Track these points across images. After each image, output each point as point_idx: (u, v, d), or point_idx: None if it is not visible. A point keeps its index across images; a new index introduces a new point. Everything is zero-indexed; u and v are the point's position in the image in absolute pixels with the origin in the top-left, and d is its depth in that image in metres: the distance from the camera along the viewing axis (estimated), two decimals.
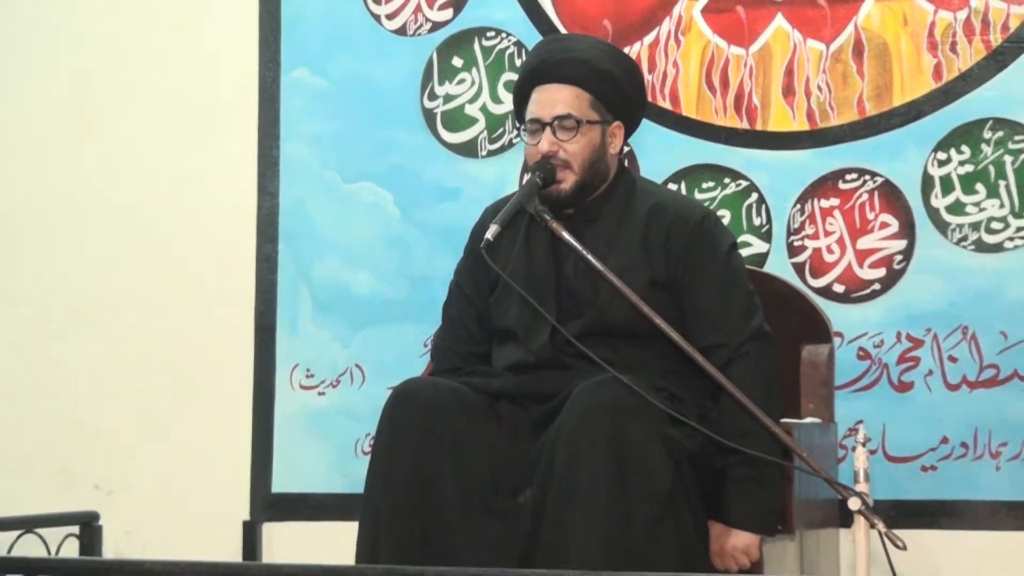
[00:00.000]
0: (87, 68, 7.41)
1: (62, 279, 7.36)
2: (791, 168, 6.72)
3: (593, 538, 5.01)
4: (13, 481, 6.83)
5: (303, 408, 7.19)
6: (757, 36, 6.75)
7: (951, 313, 6.49)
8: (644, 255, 5.49)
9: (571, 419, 5.15)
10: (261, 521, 7.12)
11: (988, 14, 6.51)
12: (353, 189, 7.20)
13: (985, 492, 6.38)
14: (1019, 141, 6.45)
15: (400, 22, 7.12)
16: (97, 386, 7.24)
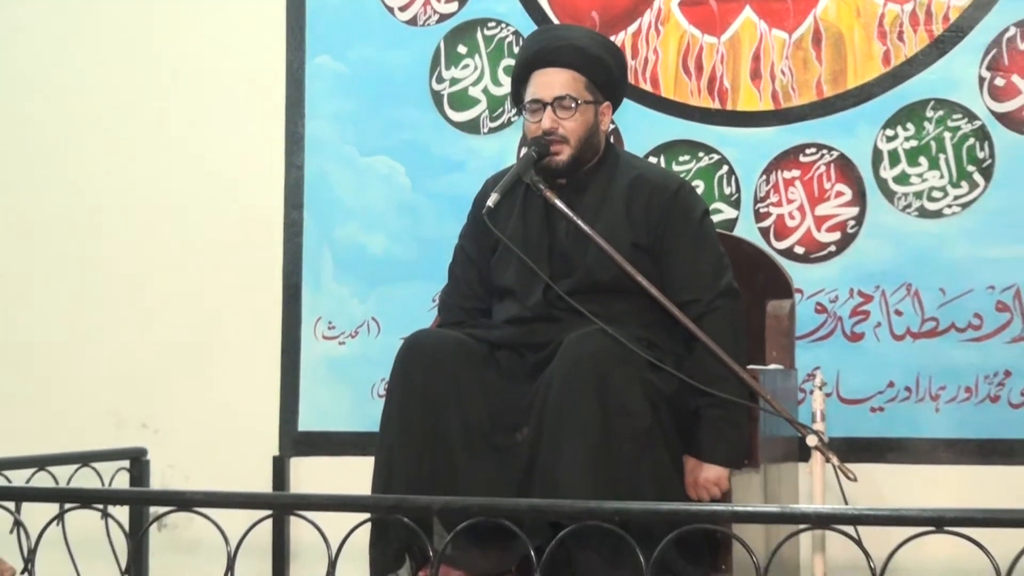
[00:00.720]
0: (136, 54, 7.42)
1: (116, 243, 7.40)
2: (757, 143, 6.75)
3: (581, 470, 5.06)
4: (71, 422, 6.83)
5: (325, 356, 7.23)
6: (728, 26, 6.76)
7: (897, 272, 6.52)
8: (627, 221, 5.53)
9: (562, 366, 5.20)
10: (289, 456, 7.16)
11: (931, 6, 6.53)
12: (369, 162, 7.23)
13: (926, 431, 6.41)
14: (957, 119, 6.46)
15: (411, 14, 7.14)
16: (145, 337, 7.26)
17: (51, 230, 7.47)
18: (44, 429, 6.67)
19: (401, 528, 5.12)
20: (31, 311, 7.43)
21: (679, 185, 5.81)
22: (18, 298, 7.45)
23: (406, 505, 5.04)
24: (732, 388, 5.33)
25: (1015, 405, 6.36)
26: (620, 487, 5.01)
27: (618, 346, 5.20)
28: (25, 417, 6.98)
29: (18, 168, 7.51)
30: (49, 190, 7.49)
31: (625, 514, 4.61)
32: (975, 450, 6.36)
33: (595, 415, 5.14)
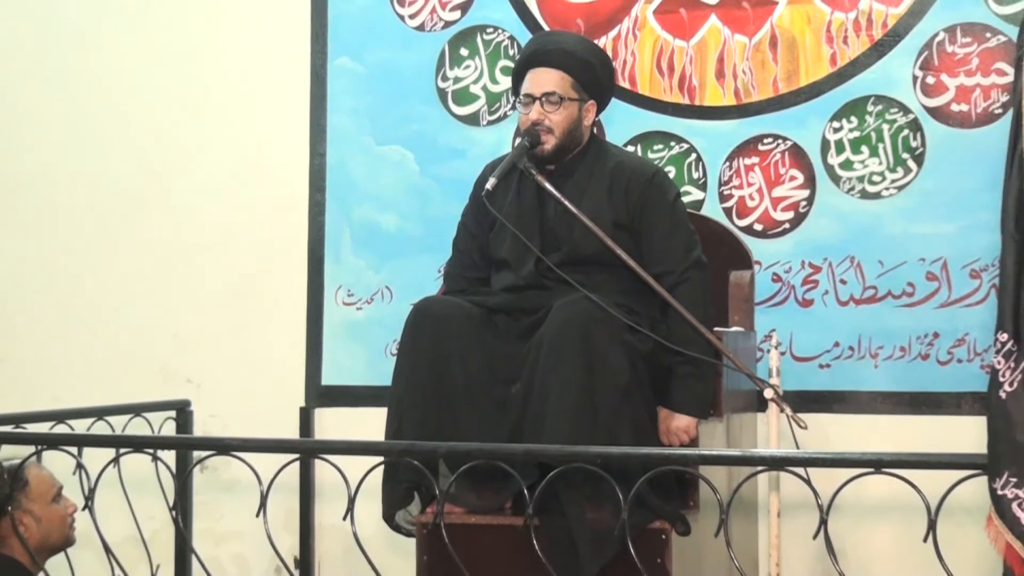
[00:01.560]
0: (182, 57, 7.42)
1: (165, 222, 7.41)
2: (721, 134, 6.74)
3: (568, 419, 5.10)
4: (125, 377, 6.83)
5: (345, 320, 7.23)
6: (696, 32, 6.75)
7: (842, 246, 6.53)
8: (609, 202, 5.54)
9: (551, 329, 5.23)
10: (313, 407, 7.16)
11: (871, 14, 6.54)
12: (383, 150, 7.22)
13: (866, 385, 6.41)
14: (894, 113, 6.46)
15: (419, 21, 7.12)
16: (189, 303, 7.27)
17: (113, 210, 7.46)
18: (102, 384, 6.69)
19: (410, 470, 5.17)
20: (94, 280, 7.42)
21: (654, 171, 5.83)
22: (83, 269, 7.44)
23: (415, 450, 5.08)
24: (700, 348, 5.36)
25: (942, 362, 6.38)
26: (602, 434, 5.05)
27: (600, 311, 5.23)
28: (85, 373, 6.99)
29: (86, 155, 7.49)
30: (112, 175, 7.48)
31: (606, 457, 4.65)
32: (908, 401, 6.38)
33: (580, 371, 5.18)
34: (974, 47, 6.45)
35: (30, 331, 7.40)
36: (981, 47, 6.44)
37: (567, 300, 5.31)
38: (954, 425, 5.85)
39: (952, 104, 6.48)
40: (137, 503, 5.60)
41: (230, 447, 5.12)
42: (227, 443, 5.19)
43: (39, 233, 7.52)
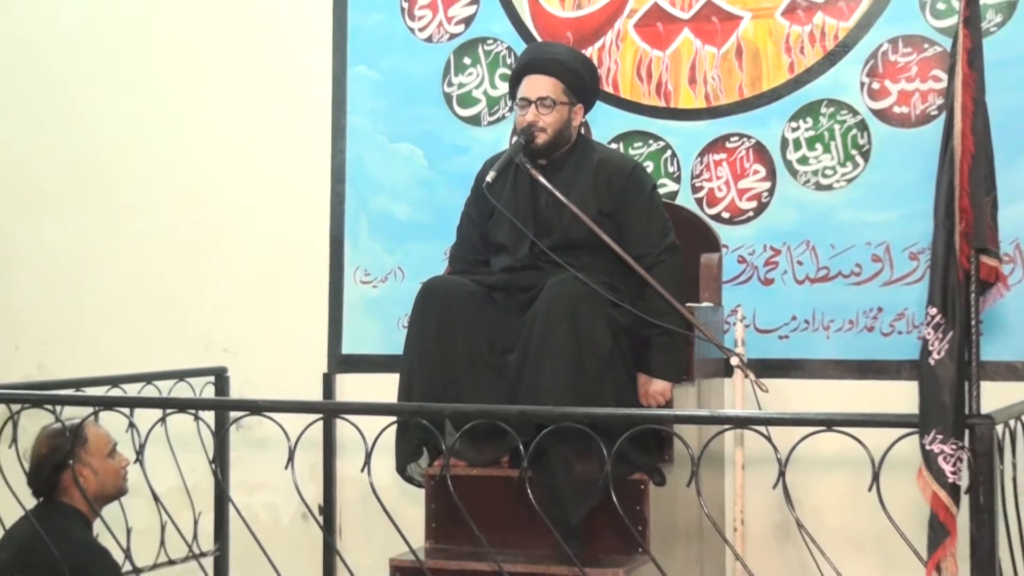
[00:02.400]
0: (217, 66, 7.44)
1: (204, 212, 7.42)
2: (693, 133, 6.72)
3: (559, 384, 5.14)
4: (169, 347, 6.82)
5: (362, 296, 7.21)
6: (671, 43, 6.72)
7: (799, 232, 6.50)
8: (594, 193, 5.57)
9: (544, 304, 5.27)
10: (335, 373, 7.16)
11: (824, 28, 6.53)
12: (396, 147, 7.19)
13: (820, 353, 6.39)
14: (844, 115, 6.44)
15: (428, 33, 7.10)
16: (226, 282, 7.26)
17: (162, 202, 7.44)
18: (150, 352, 6.70)
19: (420, 428, 5.25)
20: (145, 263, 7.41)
21: (634, 166, 5.88)
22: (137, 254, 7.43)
23: (424, 411, 5.10)
24: (674, 321, 5.39)
25: (885, 334, 6.38)
26: (588, 396, 5.08)
27: (587, 289, 5.27)
28: (136, 343, 7.00)
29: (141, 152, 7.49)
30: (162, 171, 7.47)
31: (592, 417, 4.66)
32: (856, 368, 6.37)
33: (569, 341, 5.22)
34: (913, 56, 6.45)
35: (90, 307, 7.40)
36: (920, 56, 6.43)
37: (558, 279, 5.35)
38: (895, 389, 5.86)
39: (894, 107, 6.47)
40: (181, 457, 5.63)
41: (262, 408, 5.15)
42: (259, 405, 5.22)
43: (100, 223, 7.50)
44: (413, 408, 5.28)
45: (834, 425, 4.40)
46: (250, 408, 5.32)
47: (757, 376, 5.35)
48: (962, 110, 4.30)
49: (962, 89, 4.31)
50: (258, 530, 5.19)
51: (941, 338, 4.27)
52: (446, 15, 7.16)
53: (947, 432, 4.21)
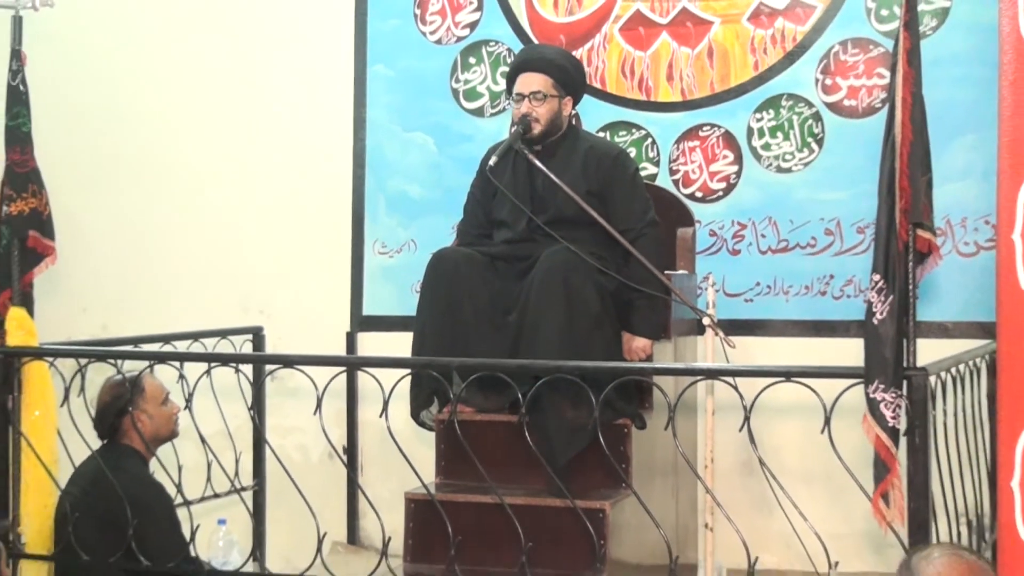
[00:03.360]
0: (254, 67, 7.42)
1: (246, 192, 7.44)
2: (671, 123, 6.74)
3: (553, 340, 5.17)
4: (214, 309, 6.75)
5: (380, 265, 7.20)
6: (651, 45, 6.72)
7: (762, 209, 6.54)
8: (583, 175, 5.59)
9: (540, 272, 5.30)
10: (356, 332, 7.18)
11: (784, 31, 6.51)
12: (410, 136, 7.18)
13: (780, 314, 6.44)
14: (801, 107, 6.44)
15: (438, 36, 7.08)
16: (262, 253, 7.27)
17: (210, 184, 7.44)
18: (197, 314, 6.67)
19: (431, 379, 5.31)
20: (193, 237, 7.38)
21: (619, 152, 5.92)
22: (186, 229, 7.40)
23: (434, 364, 5.16)
24: (654, 286, 5.41)
25: (836, 297, 6.40)
26: (578, 351, 5.08)
27: (577, 258, 5.31)
28: (185, 306, 6.97)
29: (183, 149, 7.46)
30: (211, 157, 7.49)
31: (582, 370, 4.70)
32: (811, 327, 6.40)
33: (562, 304, 5.25)
34: (861, 56, 6.47)
35: (146, 275, 7.37)
36: (866, 56, 6.45)
37: (552, 250, 5.38)
38: (844, 345, 5.88)
39: (845, 100, 6.48)
40: (224, 405, 5.65)
41: (293, 362, 5.20)
42: (291, 359, 5.27)
43: (155, 203, 7.45)
44: (425, 362, 5.33)
45: (792, 376, 4.46)
46: (283, 362, 5.38)
47: (726, 334, 5.36)
48: (902, 103, 4.33)
49: (902, 84, 4.34)
50: (290, 468, 5.24)
51: (883, 301, 4.31)
52: (454, 20, 7.14)
53: (888, 382, 4.26)
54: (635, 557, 5.16)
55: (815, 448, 4.55)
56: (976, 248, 6.27)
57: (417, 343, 5.60)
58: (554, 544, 4.89)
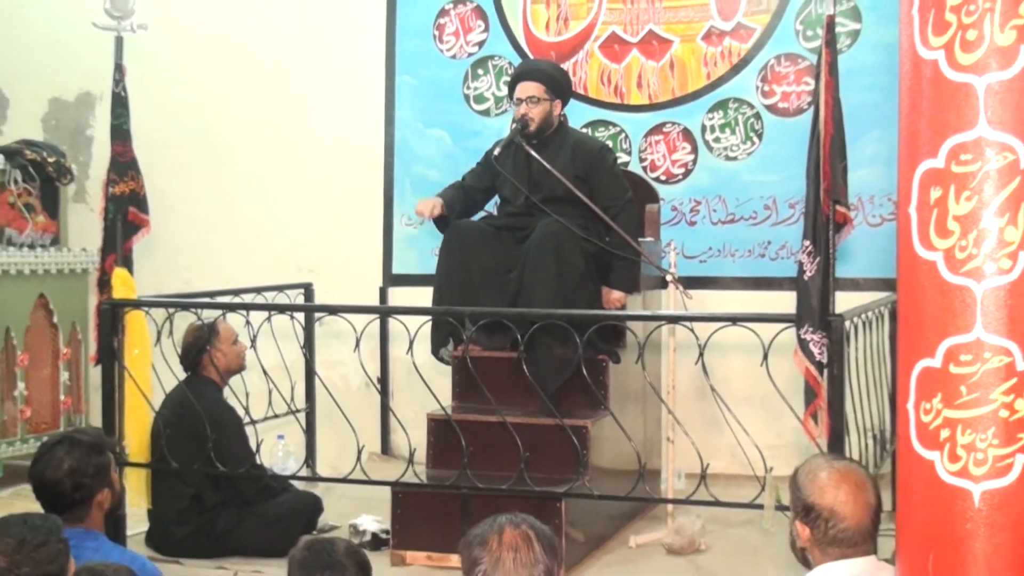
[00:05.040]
0: (317, 76, 7.42)
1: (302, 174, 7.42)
2: (640, 121, 6.76)
3: (545, 294, 5.21)
4: (273, 268, 6.64)
5: (406, 235, 7.19)
6: (624, 59, 6.72)
7: (714, 189, 6.58)
8: (572, 163, 5.60)
9: (535, 240, 5.36)
10: (388, 287, 7.19)
11: (731, 48, 6.48)
12: (430, 131, 7.17)
13: (727, 272, 6.51)
14: (745, 109, 6.46)
15: (452, 53, 7.07)
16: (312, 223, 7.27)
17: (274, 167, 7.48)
18: (260, 271, 6.56)
19: (447, 324, 5.35)
20: (257, 209, 7.44)
21: (601, 145, 6.00)
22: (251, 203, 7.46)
23: (450, 312, 5.22)
24: (629, 251, 5.49)
25: (772, 259, 6.40)
26: (566, 302, 5.13)
27: (566, 229, 5.37)
28: (250, 265, 6.85)
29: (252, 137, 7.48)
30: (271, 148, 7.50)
31: (569, 317, 4.76)
32: (752, 283, 6.45)
33: (553, 265, 5.31)
34: (791, 67, 6.47)
35: (220, 240, 7.31)
36: (796, 67, 6.46)
37: (545, 222, 5.43)
38: (779, 297, 5.83)
39: (779, 103, 6.49)
40: (281, 344, 5.66)
41: (337, 309, 5.27)
42: (335, 308, 5.33)
43: (228, 181, 7.38)
44: (443, 310, 5.39)
45: (737, 321, 4.52)
46: (328, 311, 5.45)
47: (684, 288, 5.39)
48: (824, 105, 4.37)
49: (824, 90, 4.38)
50: (335, 394, 5.28)
51: (812, 261, 4.36)
52: (465, 40, 7.12)
53: (815, 326, 4.32)
54: (611, 464, 5.22)
55: (755, 378, 4.59)
56: (881, 220, 6.32)
57: (436, 295, 5.64)
58: (546, 454, 4.94)
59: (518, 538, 2.56)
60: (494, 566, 2.52)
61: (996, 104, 2.29)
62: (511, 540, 2.55)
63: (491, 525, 2.60)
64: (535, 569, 2.53)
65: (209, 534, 5.14)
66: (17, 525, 2.64)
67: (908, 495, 2.43)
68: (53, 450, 3.55)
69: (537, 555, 2.54)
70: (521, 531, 2.57)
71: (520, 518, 2.63)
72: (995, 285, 2.30)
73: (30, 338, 6.95)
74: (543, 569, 2.54)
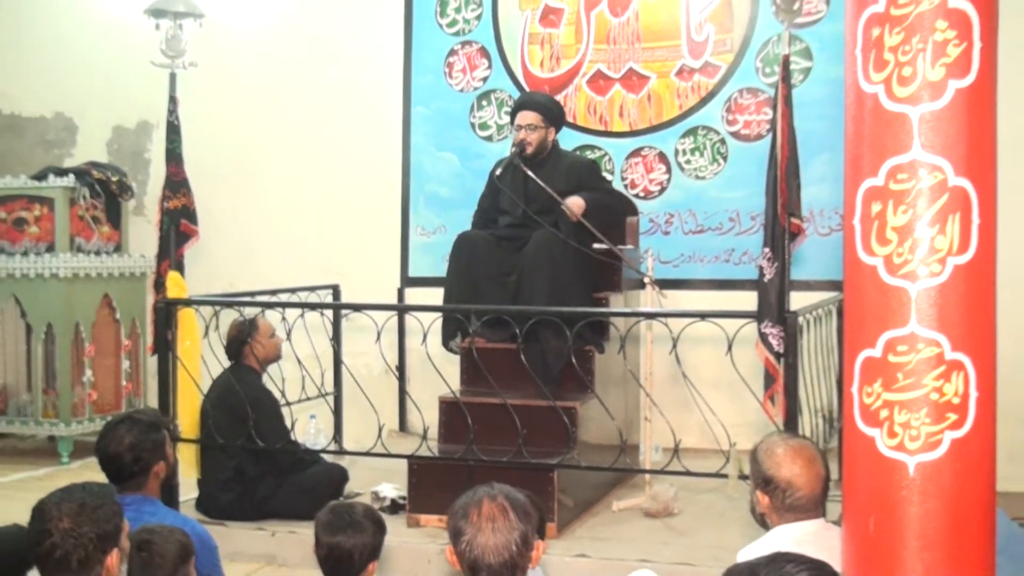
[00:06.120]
0: (338, 105, 7.40)
1: (332, 191, 7.41)
2: (622, 146, 6.75)
3: (541, 294, 5.22)
4: (305, 270, 6.66)
5: (421, 243, 7.18)
6: (608, 92, 6.72)
7: (686, 203, 6.59)
8: (565, 181, 5.57)
9: (531, 247, 5.36)
10: (404, 287, 7.18)
11: (700, 83, 6.50)
12: (441, 154, 7.16)
13: (697, 275, 6.52)
14: (712, 135, 6.46)
15: (460, 87, 7.07)
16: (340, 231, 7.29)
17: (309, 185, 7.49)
18: (295, 273, 6.56)
19: (456, 320, 5.35)
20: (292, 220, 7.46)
21: (590, 161, 6.06)
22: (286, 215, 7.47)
23: (459, 309, 5.23)
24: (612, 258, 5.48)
25: (736, 264, 6.43)
26: (559, 301, 5.12)
27: (558, 238, 5.35)
28: (286, 268, 6.85)
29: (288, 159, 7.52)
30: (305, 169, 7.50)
31: (561, 313, 4.76)
32: (719, 284, 6.47)
33: (547, 269, 5.30)
34: (752, 100, 6.48)
35: (260, 245, 7.34)
36: (756, 100, 6.47)
37: (540, 232, 5.43)
38: (743, 297, 5.82)
39: (742, 130, 6.51)
40: (313, 337, 5.64)
41: (362, 307, 5.26)
42: (359, 306, 5.32)
43: (266, 195, 7.44)
44: (452, 308, 5.40)
45: (705, 316, 4.52)
46: (353, 308, 5.43)
47: (660, 289, 5.42)
48: (781, 132, 4.38)
49: (781, 119, 4.39)
50: (359, 380, 5.30)
51: (771, 265, 4.37)
52: (471, 76, 7.12)
53: (773, 321, 4.33)
54: (596, 440, 5.22)
55: (721, 366, 4.59)
56: (830, 230, 6.32)
57: (446, 295, 5.64)
58: (541, 431, 4.93)
59: (495, 509, 2.56)
60: (475, 535, 2.53)
61: (928, 131, 2.31)
62: (489, 511, 2.56)
63: (471, 498, 2.61)
64: (512, 535, 2.53)
65: (250, 500, 5.14)
66: (78, 491, 2.68)
67: (852, 467, 2.44)
68: (116, 428, 3.56)
69: (512, 523, 2.55)
70: (497, 503, 2.58)
71: (496, 490, 2.62)
72: (927, 286, 2.31)
73: (96, 332, 6.98)
74: (519, 535, 2.54)
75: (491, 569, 2.53)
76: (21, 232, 6.94)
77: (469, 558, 2.54)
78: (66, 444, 6.84)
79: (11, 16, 7.81)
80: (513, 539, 2.53)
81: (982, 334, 2.32)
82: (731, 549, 2.97)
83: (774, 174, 4.41)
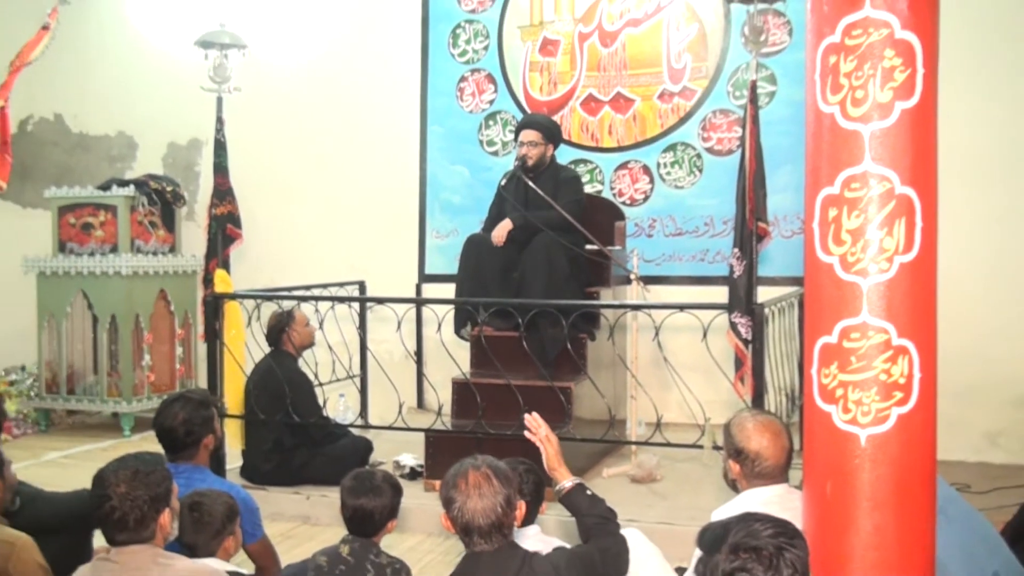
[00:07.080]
0: (363, 125, 7.38)
1: (357, 201, 7.39)
2: (611, 160, 6.72)
3: (540, 289, 5.21)
4: (333, 267, 6.73)
5: (436, 245, 7.15)
6: (598, 113, 6.70)
7: (667, 209, 6.54)
8: (553, 190, 5.51)
9: (532, 248, 5.35)
10: (422, 283, 7.17)
11: (679, 105, 6.50)
12: (453, 167, 7.13)
13: (677, 272, 6.48)
14: (690, 150, 6.45)
15: (470, 108, 7.05)
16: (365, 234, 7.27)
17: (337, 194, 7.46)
18: (325, 270, 6.57)
19: (466, 311, 5.32)
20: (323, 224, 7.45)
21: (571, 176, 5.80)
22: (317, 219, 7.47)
23: (469, 302, 5.19)
24: (602, 257, 5.46)
25: (711, 262, 6.43)
26: (556, 295, 5.13)
27: (555, 240, 5.31)
28: (318, 266, 6.86)
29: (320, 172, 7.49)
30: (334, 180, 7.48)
31: (557, 305, 4.75)
32: (696, 280, 6.45)
33: (545, 266, 5.28)
34: (724, 119, 6.46)
35: (297, 247, 7.35)
36: (728, 119, 6.45)
37: (539, 235, 5.39)
38: (716, 291, 5.84)
39: (715, 145, 6.49)
40: (342, 326, 5.65)
41: (384, 300, 5.24)
42: (383, 299, 5.29)
43: (301, 206, 7.47)
44: (463, 301, 5.37)
45: (684, 308, 4.52)
46: (378, 301, 5.38)
47: (644, 284, 5.42)
48: (749, 147, 4.36)
49: (749, 136, 4.37)
50: (382, 363, 5.29)
51: (740, 264, 4.35)
52: (480, 99, 7.10)
53: (742, 311, 4.32)
54: (589, 415, 5.21)
55: (697, 351, 4.58)
56: (792, 233, 6.29)
57: (458, 290, 5.62)
58: (540, 408, 4.72)
59: (480, 477, 2.55)
60: (465, 502, 2.53)
61: (877, 146, 2.31)
62: (474, 480, 2.55)
63: (458, 470, 2.59)
64: (496, 498, 2.53)
65: (287, 468, 5.14)
66: (132, 460, 2.69)
67: (812, 438, 2.44)
68: (171, 405, 3.56)
69: (496, 488, 2.53)
70: (482, 472, 2.56)
71: (480, 460, 2.61)
72: (877, 281, 2.32)
73: (153, 322, 7.01)
74: (503, 498, 2.53)
75: (481, 530, 2.52)
76: (88, 235, 6.97)
77: (461, 522, 2.53)
78: (128, 420, 6.87)
79: (81, 49, 7.82)
80: (498, 502, 2.52)
81: (925, 323, 2.32)
82: (706, 510, 2.97)
83: (743, 184, 4.39)
